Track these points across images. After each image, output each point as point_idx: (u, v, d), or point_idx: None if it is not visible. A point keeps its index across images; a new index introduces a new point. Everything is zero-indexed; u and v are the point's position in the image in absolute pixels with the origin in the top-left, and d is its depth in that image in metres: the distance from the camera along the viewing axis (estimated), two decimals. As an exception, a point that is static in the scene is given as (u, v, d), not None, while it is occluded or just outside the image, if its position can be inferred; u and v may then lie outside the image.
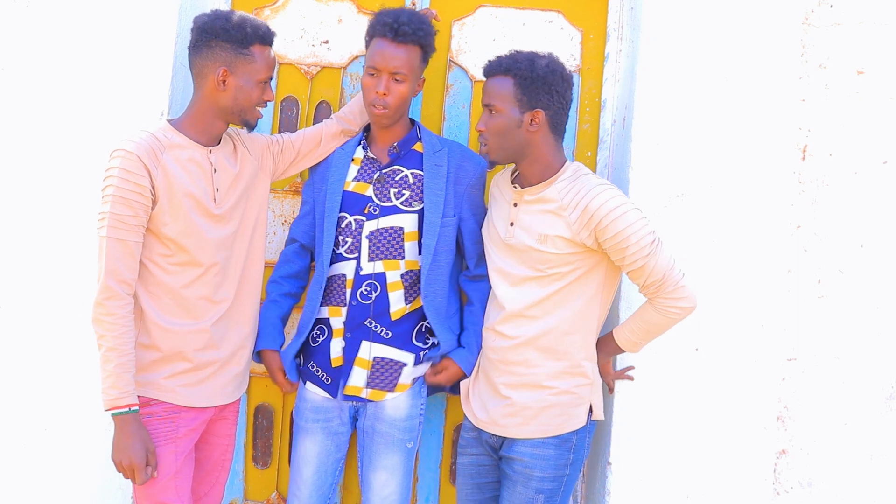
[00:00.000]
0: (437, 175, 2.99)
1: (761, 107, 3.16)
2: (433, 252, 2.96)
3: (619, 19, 3.36)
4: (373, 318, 2.97)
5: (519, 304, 2.84)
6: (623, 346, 2.92)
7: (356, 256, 2.98)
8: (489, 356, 2.91)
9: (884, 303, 3.21)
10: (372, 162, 3.04)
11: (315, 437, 3.00)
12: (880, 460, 3.20)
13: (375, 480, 2.98)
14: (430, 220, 2.96)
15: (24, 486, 3.29)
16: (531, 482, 2.81)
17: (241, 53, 2.77)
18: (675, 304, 2.78)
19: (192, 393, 2.79)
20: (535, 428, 2.83)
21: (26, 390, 3.29)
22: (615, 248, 2.75)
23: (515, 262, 2.86)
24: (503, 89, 2.80)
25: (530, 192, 2.86)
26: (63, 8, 3.32)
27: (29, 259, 3.30)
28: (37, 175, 3.31)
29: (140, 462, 2.66)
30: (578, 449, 2.86)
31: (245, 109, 2.82)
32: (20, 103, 3.32)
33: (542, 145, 2.84)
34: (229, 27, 2.76)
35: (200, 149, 2.81)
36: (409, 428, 2.99)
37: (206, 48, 2.77)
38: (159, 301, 2.75)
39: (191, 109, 2.83)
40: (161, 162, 2.72)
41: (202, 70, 2.79)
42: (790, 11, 3.18)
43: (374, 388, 2.97)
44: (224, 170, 2.85)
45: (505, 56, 2.84)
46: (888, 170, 3.23)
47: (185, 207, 2.74)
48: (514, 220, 2.87)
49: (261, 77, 2.80)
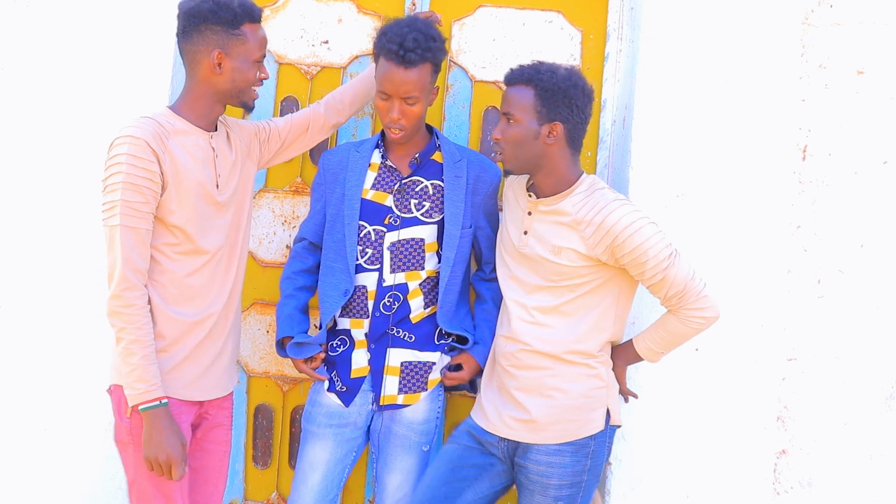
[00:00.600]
0: (457, 187, 2.97)
1: (761, 107, 3.16)
2: (452, 263, 2.95)
3: (619, 19, 3.36)
4: (394, 325, 2.96)
5: (532, 312, 2.83)
6: (643, 355, 2.89)
7: (378, 268, 2.96)
8: (501, 362, 2.88)
9: (884, 303, 3.21)
10: (391, 171, 3.00)
11: (326, 444, 2.96)
12: (880, 460, 3.20)
13: (390, 483, 2.97)
14: (450, 232, 2.95)
15: (24, 486, 3.29)
16: (548, 490, 2.78)
17: (232, 34, 2.71)
18: (699, 315, 2.77)
19: (194, 385, 2.75)
20: (551, 434, 2.80)
21: (26, 390, 3.29)
22: (634, 264, 2.74)
23: (528, 271, 2.85)
24: (523, 99, 2.77)
25: (545, 203, 2.83)
26: (63, 7, 3.32)
27: (29, 258, 3.30)
28: (38, 174, 3.31)
29: (178, 456, 2.59)
30: (596, 454, 2.82)
31: (243, 90, 2.77)
32: (21, 102, 3.32)
33: (557, 158, 2.81)
34: (217, 9, 2.70)
35: (203, 134, 2.77)
36: (425, 431, 2.98)
37: (196, 33, 2.71)
38: (164, 290, 2.69)
39: (187, 95, 2.77)
40: (168, 147, 2.65)
41: (195, 56, 2.73)
42: (790, 11, 3.18)
43: (408, 392, 2.96)
44: (224, 156, 2.82)
45: (527, 65, 2.81)
46: (888, 170, 3.23)
47: (193, 194, 2.70)
48: (528, 229, 2.86)
49: (255, 56, 2.76)
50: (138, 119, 2.69)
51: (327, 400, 2.98)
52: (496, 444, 2.87)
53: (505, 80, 2.85)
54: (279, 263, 3.42)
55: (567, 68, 2.82)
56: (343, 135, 3.43)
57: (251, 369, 3.43)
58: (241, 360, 3.41)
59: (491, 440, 2.88)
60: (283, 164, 3.41)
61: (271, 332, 3.43)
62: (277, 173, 3.43)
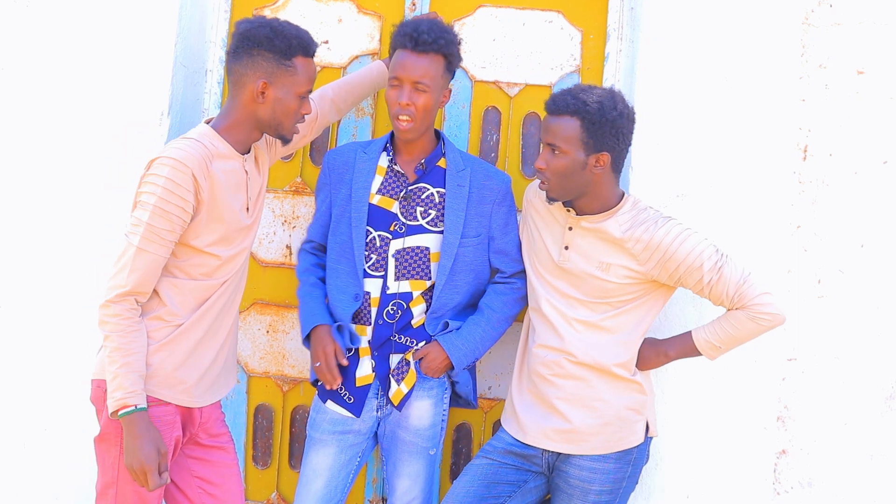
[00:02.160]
0: (459, 195, 2.94)
1: (761, 107, 3.16)
2: (448, 272, 2.92)
3: (619, 19, 3.36)
4: (397, 332, 2.95)
5: (573, 323, 2.83)
6: (701, 349, 2.85)
7: (382, 275, 2.94)
8: (541, 371, 2.86)
9: (884, 303, 3.21)
10: (398, 176, 2.97)
11: (329, 450, 2.94)
12: (880, 460, 3.20)
13: (399, 487, 2.97)
14: (448, 240, 2.92)
15: (24, 486, 3.29)
16: (588, 496, 2.79)
17: (282, 65, 2.65)
18: (766, 310, 2.76)
19: (189, 392, 2.73)
20: (593, 445, 2.81)
21: (26, 390, 3.29)
22: (689, 271, 2.74)
23: (568, 285, 2.85)
24: (569, 131, 2.73)
25: (589, 221, 2.83)
26: (63, 8, 3.32)
27: (29, 259, 3.30)
28: (36, 175, 3.31)
29: (151, 464, 2.54)
30: (637, 462, 2.84)
31: (282, 123, 2.71)
32: (20, 103, 3.32)
33: (603, 184, 2.80)
34: (273, 36, 2.64)
35: (239, 158, 2.72)
36: (431, 436, 2.96)
37: (247, 56, 2.66)
38: (183, 299, 2.67)
39: (229, 117, 2.71)
40: (210, 173, 2.62)
41: (241, 79, 2.67)
42: (790, 11, 3.18)
43: (401, 379, 2.93)
44: (254, 178, 2.79)
45: (571, 96, 2.75)
46: (888, 170, 3.23)
47: (225, 221, 2.67)
48: (570, 245, 2.85)
49: (301, 90, 2.69)
50: (186, 141, 2.63)
51: (332, 407, 2.96)
52: (538, 456, 2.87)
53: (547, 109, 2.80)
54: (279, 263, 3.42)
55: (610, 94, 2.77)
56: (343, 135, 3.43)
57: (251, 369, 3.43)
58: (240, 360, 3.41)
59: (533, 452, 2.87)
60: (283, 164, 3.42)
61: (271, 332, 3.43)
62: (277, 173, 3.43)
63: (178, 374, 2.68)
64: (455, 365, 2.92)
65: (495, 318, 2.97)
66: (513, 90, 3.41)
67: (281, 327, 3.43)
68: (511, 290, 2.99)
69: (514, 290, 2.99)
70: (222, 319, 2.76)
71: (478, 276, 3.00)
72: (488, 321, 2.96)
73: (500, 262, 3.01)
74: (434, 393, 2.97)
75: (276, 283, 3.42)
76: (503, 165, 3.38)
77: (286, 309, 3.42)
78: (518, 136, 3.41)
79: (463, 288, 2.97)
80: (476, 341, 2.94)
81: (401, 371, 2.94)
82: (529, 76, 3.40)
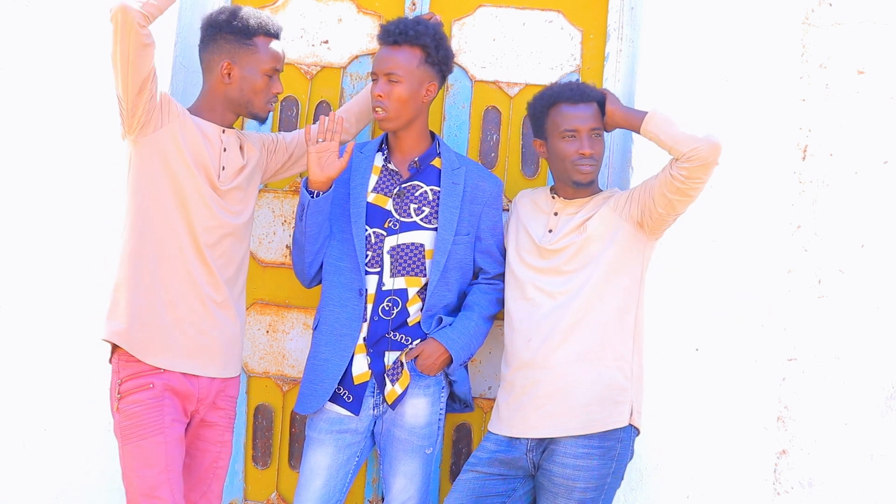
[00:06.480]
0: (453, 193, 2.98)
1: (762, 107, 3.17)
2: (442, 268, 2.95)
3: (619, 19, 3.36)
4: (392, 330, 2.96)
5: (556, 297, 2.87)
6: (647, 119, 2.85)
7: (378, 271, 2.97)
8: (528, 373, 2.89)
9: (884, 303, 3.21)
10: (392, 174, 3.01)
11: (327, 449, 2.95)
12: (881, 460, 3.20)
13: (395, 486, 2.97)
14: (442, 237, 2.96)
15: (24, 486, 3.29)
16: (573, 493, 2.80)
17: (244, 44, 2.82)
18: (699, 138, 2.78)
19: (181, 357, 2.76)
20: (576, 424, 2.82)
21: (26, 390, 3.29)
22: (647, 186, 2.85)
23: (551, 262, 2.90)
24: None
25: (575, 205, 2.95)
26: (62, 8, 3.32)
27: (29, 259, 3.30)
28: (36, 174, 3.31)
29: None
30: (621, 457, 2.85)
31: (251, 101, 2.85)
32: (20, 102, 3.32)
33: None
34: (231, 19, 2.83)
35: (215, 126, 2.85)
36: (427, 434, 2.96)
37: (212, 42, 2.84)
38: (164, 250, 2.76)
39: (202, 101, 2.89)
40: (182, 116, 2.77)
41: (209, 63, 2.85)
42: (790, 11, 3.18)
43: (396, 378, 2.94)
44: (233, 153, 2.87)
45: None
46: (888, 170, 3.23)
47: (191, 163, 2.75)
48: (554, 227, 2.94)
49: (265, 67, 2.83)
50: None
51: (330, 406, 2.97)
52: (524, 457, 2.88)
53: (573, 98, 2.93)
54: (279, 263, 3.42)
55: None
56: (343, 135, 3.43)
57: (251, 369, 3.43)
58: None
59: (518, 455, 2.88)
60: (283, 164, 3.42)
61: (271, 332, 3.43)
62: (277, 173, 3.43)
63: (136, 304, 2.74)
64: (454, 358, 2.93)
65: (483, 315, 3.01)
66: (513, 90, 3.41)
67: (281, 327, 3.43)
68: (494, 291, 3.04)
69: (497, 290, 3.04)
70: (173, 277, 2.77)
71: (464, 275, 3.04)
72: (479, 317, 3.00)
73: (484, 262, 3.05)
74: (431, 391, 2.98)
75: (276, 283, 3.42)
76: (503, 165, 3.38)
77: (286, 309, 3.42)
78: (518, 136, 3.41)
79: (454, 286, 3.01)
80: (471, 335, 2.97)
81: (395, 371, 2.95)
82: (529, 76, 3.41)
